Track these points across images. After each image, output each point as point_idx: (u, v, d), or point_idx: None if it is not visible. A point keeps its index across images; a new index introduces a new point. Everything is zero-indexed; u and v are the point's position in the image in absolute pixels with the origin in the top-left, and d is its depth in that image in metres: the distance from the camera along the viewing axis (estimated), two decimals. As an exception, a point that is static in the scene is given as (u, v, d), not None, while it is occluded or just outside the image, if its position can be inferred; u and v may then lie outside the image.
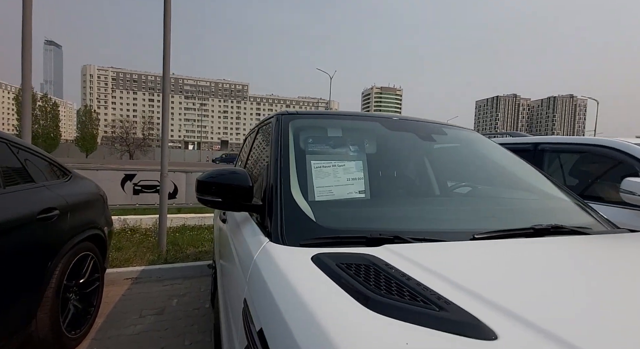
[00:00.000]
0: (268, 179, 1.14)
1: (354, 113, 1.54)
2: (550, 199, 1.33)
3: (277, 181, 1.09)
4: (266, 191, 1.11)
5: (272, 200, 1.03)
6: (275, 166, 1.16)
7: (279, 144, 1.25)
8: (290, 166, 1.18)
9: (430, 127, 1.53)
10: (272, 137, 1.33)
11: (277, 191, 1.05)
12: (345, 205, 1.24)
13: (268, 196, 1.08)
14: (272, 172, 1.14)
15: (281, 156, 1.20)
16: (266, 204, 1.06)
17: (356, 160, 1.40)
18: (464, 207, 1.30)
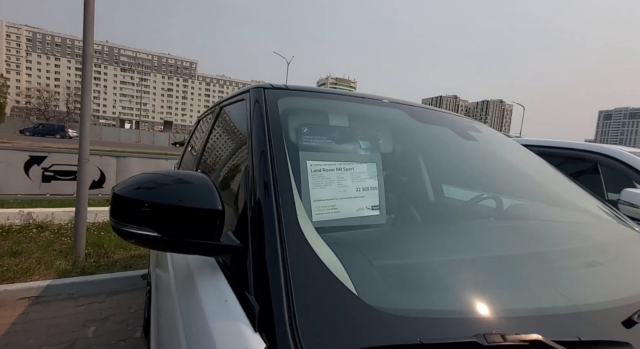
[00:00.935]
0: (251, 198, 0.67)
1: (364, 95, 1.10)
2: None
3: (274, 204, 0.62)
4: (251, 221, 0.63)
5: (264, 242, 0.57)
6: (263, 173, 0.69)
7: (266, 137, 0.78)
8: (290, 175, 0.73)
9: (464, 122, 1.18)
10: (251, 124, 0.84)
11: (276, 226, 0.59)
12: (369, 240, 0.83)
13: (255, 231, 0.60)
14: (260, 186, 0.67)
15: (273, 156, 0.73)
16: (252, 251, 0.59)
17: (368, 162, 0.98)
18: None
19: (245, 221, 0.64)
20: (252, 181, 0.70)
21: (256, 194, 0.65)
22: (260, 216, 0.60)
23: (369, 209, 0.94)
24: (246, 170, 0.76)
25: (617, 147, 2.09)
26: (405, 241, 0.85)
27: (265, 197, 0.63)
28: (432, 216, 1.08)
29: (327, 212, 0.88)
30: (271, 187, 0.65)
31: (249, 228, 0.61)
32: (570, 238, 0.91)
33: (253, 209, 0.63)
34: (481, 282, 0.64)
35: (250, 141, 0.80)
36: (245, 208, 0.67)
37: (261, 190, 0.65)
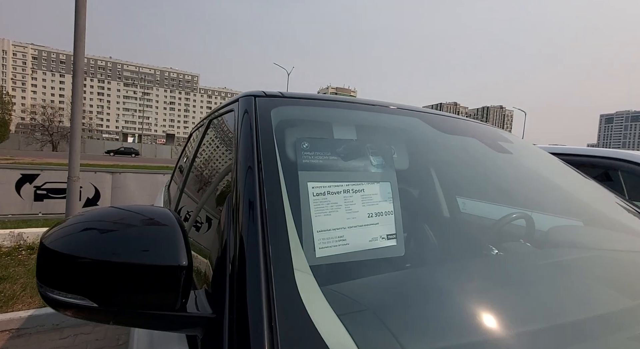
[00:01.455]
0: (231, 243, 0.51)
1: (374, 102, 0.94)
2: None
3: (260, 251, 0.46)
4: (230, 278, 0.46)
5: (246, 311, 0.41)
6: (249, 204, 0.53)
7: (256, 154, 0.63)
8: (284, 202, 0.57)
9: (491, 131, 1.02)
10: (238, 140, 0.69)
11: (262, 283, 0.43)
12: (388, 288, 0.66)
13: (234, 293, 0.44)
14: (243, 224, 0.51)
15: (263, 180, 0.58)
16: (228, 323, 0.42)
17: (381, 181, 0.82)
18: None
19: (221, 278, 0.47)
20: (233, 217, 0.54)
21: (237, 236, 0.49)
22: (241, 268, 0.44)
23: (384, 238, 0.78)
24: (229, 200, 0.60)
25: (637, 152, 1.92)
26: (437, 290, 0.67)
27: (249, 240, 0.47)
28: (466, 248, 0.89)
29: (334, 245, 0.72)
30: (258, 223, 0.49)
31: (226, 289, 0.45)
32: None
33: (232, 259, 0.47)
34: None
35: (235, 160, 0.64)
36: (223, 258, 0.50)
37: (244, 229, 0.49)
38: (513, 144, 1.04)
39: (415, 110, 0.96)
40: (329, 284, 0.60)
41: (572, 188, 1.01)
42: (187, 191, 1.04)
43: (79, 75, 2.59)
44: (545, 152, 1.12)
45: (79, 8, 2.63)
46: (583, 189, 1.00)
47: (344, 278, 0.73)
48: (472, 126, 1.01)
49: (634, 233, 0.87)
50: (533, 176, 1.03)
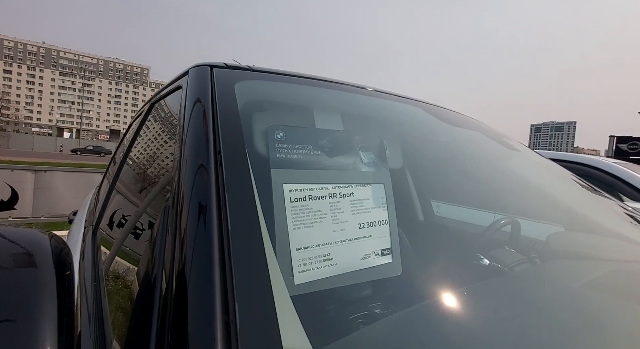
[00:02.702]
0: (168, 282, 0.31)
1: (365, 86, 0.77)
2: None
3: (217, 298, 0.27)
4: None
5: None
6: (195, 217, 0.34)
7: (211, 144, 0.43)
8: (258, 215, 0.39)
9: (491, 129, 0.92)
10: (185, 122, 0.49)
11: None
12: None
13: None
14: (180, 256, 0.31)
15: (221, 180, 0.38)
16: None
17: (373, 182, 0.67)
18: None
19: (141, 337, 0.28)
20: (171, 238, 0.34)
21: (173, 268, 0.30)
22: (176, 319, 0.25)
23: (378, 255, 0.62)
24: (166, 213, 0.39)
25: (606, 160, 2.03)
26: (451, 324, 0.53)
27: (193, 272, 0.29)
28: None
29: (317, 267, 0.55)
30: (213, 247, 0.30)
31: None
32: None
33: (162, 301, 0.28)
34: None
35: (180, 156, 0.44)
36: (146, 302, 0.31)
37: (187, 257, 0.30)
38: (513, 142, 0.96)
39: (413, 99, 0.82)
40: (314, 309, 0.43)
41: (559, 192, 0.95)
42: (115, 197, 0.79)
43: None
44: (535, 154, 1.06)
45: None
46: (573, 193, 0.94)
47: (332, 302, 0.56)
48: (471, 121, 0.90)
49: (630, 241, 0.82)
50: (518, 178, 0.95)
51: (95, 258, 0.57)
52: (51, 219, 3.64)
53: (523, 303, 0.59)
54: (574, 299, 0.62)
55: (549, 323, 0.53)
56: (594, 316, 0.58)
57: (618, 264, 0.71)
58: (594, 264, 0.73)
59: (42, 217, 3.53)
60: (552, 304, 0.59)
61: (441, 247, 0.93)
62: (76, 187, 3.55)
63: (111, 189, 0.86)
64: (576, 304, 0.60)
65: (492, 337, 0.49)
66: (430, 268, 0.74)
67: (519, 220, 0.93)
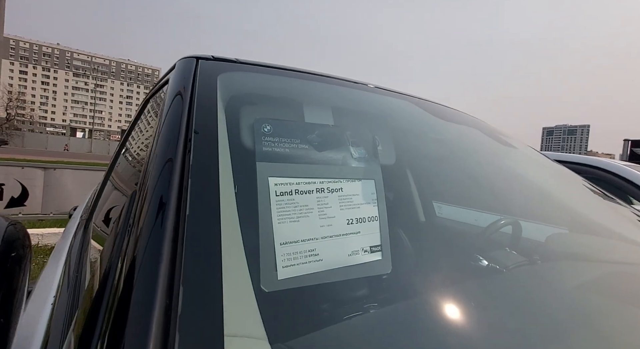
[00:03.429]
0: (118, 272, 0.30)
1: (356, 80, 0.76)
2: None
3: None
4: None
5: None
6: (166, 212, 0.33)
7: (187, 133, 0.42)
8: (223, 215, 0.37)
9: (488, 126, 0.89)
10: (164, 111, 0.48)
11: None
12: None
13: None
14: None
15: (192, 172, 0.38)
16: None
17: (363, 178, 0.65)
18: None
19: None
20: (128, 232, 0.33)
21: (124, 259, 0.29)
22: (121, 311, 0.25)
23: (367, 252, 0.61)
24: (129, 206, 0.39)
25: (616, 162, 1.98)
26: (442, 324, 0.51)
27: (145, 260, 0.28)
28: (457, 261, 0.74)
29: (302, 262, 0.54)
30: (165, 244, 0.30)
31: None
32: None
33: (112, 294, 0.27)
34: None
35: (152, 149, 0.43)
36: (97, 297, 0.30)
37: (140, 248, 0.29)
38: (512, 138, 0.93)
39: (405, 94, 0.80)
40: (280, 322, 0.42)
41: (563, 194, 0.92)
42: (105, 192, 0.79)
43: (-4, 49, 2.15)
44: (540, 155, 1.03)
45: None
46: (577, 195, 0.91)
47: (316, 299, 0.55)
48: (467, 118, 0.88)
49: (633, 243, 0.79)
50: (522, 179, 0.92)
51: (82, 251, 0.57)
52: (60, 216, 3.71)
53: (518, 303, 0.57)
54: (571, 301, 0.59)
55: (546, 324, 0.51)
56: (592, 318, 0.56)
57: (618, 266, 0.68)
58: (594, 265, 0.70)
59: (51, 213, 3.60)
60: (548, 304, 0.57)
61: (439, 247, 0.91)
62: (83, 184, 3.62)
63: (104, 185, 0.87)
64: (573, 305, 0.58)
65: (484, 338, 0.47)
66: (423, 267, 0.73)
67: (520, 222, 0.90)
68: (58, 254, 0.70)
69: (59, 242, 0.81)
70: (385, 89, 0.81)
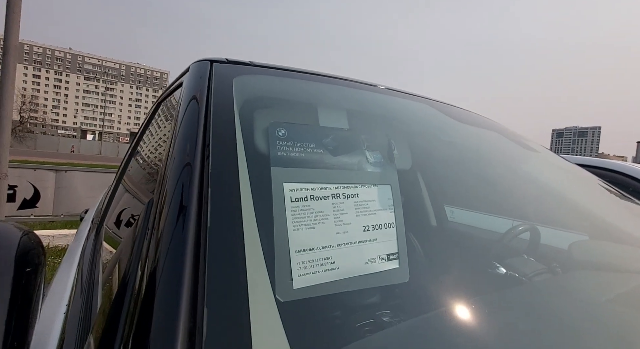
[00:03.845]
0: (141, 281, 0.29)
1: (371, 83, 0.75)
2: None
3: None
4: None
5: None
6: (177, 218, 0.32)
7: (204, 138, 0.42)
8: (244, 223, 0.36)
9: (507, 130, 0.87)
10: (180, 116, 0.48)
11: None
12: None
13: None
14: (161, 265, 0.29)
15: (206, 178, 0.37)
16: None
17: (379, 183, 0.63)
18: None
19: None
20: (148, 240, 0.32)
21: (147, 268, 0.28)
22: (144, 320, 0.24)
23: (384, 259, 0.59)
24: (147, 211, 0.38)
25: (631, 164, 1.92)
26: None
27: (165, 273, 0.27)
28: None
29: (318, 270, 0.53)
30: (187, 246, 0.28)
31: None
32: None
33: (135, 302, 0.26)
34: None
35: (169, 153, 0.43)
36: (118, 304, 0.29)
37: (162, 259, 0.28)
38: (532, 143, 0.90)
39: (424, 96, 0.78)
40: (303, 337, 0.41)
41: (584, 198, 0.88)
42: (118, 195, 0.79)
43: (10, 54, 2.20)
44: (557, 156, 1.00)
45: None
46: (598, 199, 0.87)
47: (332, 308, 0.54)
48: (488, 122, 0.85)
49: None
50: (538, 182, 0.89)
51: (94, 255, 0.57)
52: (70, 217, 3.76)
53: (542, 316, 0.54)
54: (600, 315, 0.56)
55: (570, 339, 0.49)
56: (621, 334, 0.53)
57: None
58: (622, 276, 0.67)
59: (62, 215, 3.65)
60: (574, 318, 0.54)
61: (454, 254, 0.89)
62: (93, 186, 3.67)
63: (116, 188, 0.87)
64: (602, 320, 0.55)
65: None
66: (440, 276, 0.70)
67: (538, 227, 0.87)
68: (71, 258, 0.70)
69: (71, 245, 0.80)
70: (400, 91, 0.79)
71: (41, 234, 3.48)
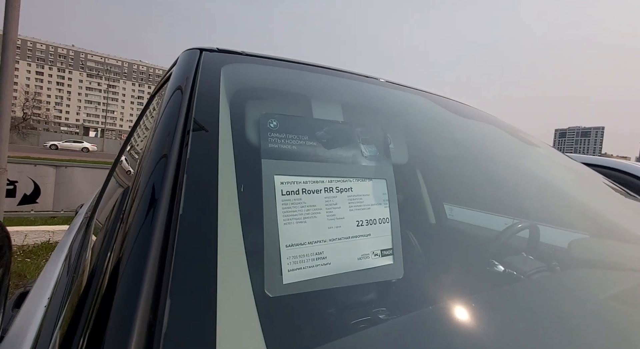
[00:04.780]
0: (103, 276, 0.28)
1: (367, 75, 0.73)
2: None
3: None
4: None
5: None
6: (157, 213, 0.30)
7: (187, 126, 0.40)
8: (221, 215, 0.35)
9: (505, 124, 0.85)
10: (164, 103, 0.47)
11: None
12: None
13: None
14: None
15: (187, 168, 0.35)
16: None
17: (374, 177, 0.62)
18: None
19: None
20: (113, 232, 0.31)
21: (111, 260, 0.27)
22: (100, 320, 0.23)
23: (378, 255, 0.58)
24: (120, 204, 0.37)
25: (633, 163, 1.89)
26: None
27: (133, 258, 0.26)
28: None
29: (309, 265, 0.51)
30: (152, 245, 0.27)
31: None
32: None
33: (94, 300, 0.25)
34: None
35: (148, 144, 0.41)
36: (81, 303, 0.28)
37: (127, 248, 0.27)
38: (531, 137, 0.88)
39: (422, 90, 0.76)
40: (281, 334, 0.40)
41: (585, 196, 0.86)
42: (107, 190, 0.77)
43: (9, 49, 2.19)
44: (559, 153, 0.98)
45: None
46: (600, 197, 0.86)
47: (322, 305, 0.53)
48: (486, 116, 0.84)
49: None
50: (540, 180, 0.87)
51: (81, 249, 0.56)
52: (70, 213, 3.76)
53: (539, 313, 0.53)
54: (598, 313, 0.55)
55: (567, 336, 0.47)
56: (621, 332, 0.51)
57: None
58: (622, 274, 0.65)
59: (62, 211, 3.66)
60: (572, 316, 0.53)
61: (451, 251, 0.87)
62: (93, 182, 3.68)
63: (107, 182, 0.86)
64: (600, 317, 0.54)
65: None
66: (436, 273, 0.69)
67: (538, 225, 0.86)
68: (59, 252, 0.69)
69: (62, 239, 0.80)
70: (398, 83, 0.78)
71: (41, 229, 3.49)
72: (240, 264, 0.32)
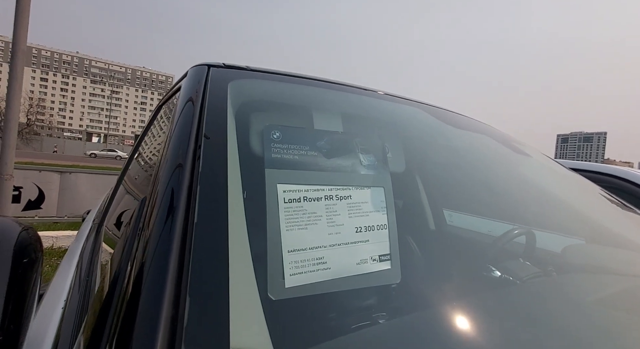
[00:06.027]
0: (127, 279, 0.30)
1: (365, 87, 0.77)
2: None
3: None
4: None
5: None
6: (172, 218, 0.33)
7: (197, 138, 0.44)
8: (232, 223, 0.38)
9: (498, 132, 0.88)
10: (176, 117, 0.50)
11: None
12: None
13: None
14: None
15: (196, 178, 0.38)
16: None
17: (373, 185, 0.65)
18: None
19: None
20: (139, 237, 0.34)
21: (134, 266, 0.30)
22: (128, 323, 0.25)
23: (376, 260, 0.60)
24: (139, 211, 0.40)
25: (632, 170, 1.91)
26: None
27: (153, 268, 0.28)
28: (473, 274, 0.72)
29: (310, 270, 0.54)
30: (172, 250, 0.30)
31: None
32: None
33: (121, 302, 0.28)
34: None
35: (163, 154, 0.44)
36: (107, 304, 0.30)
37: (149, 255, 0.30)
38: (525, 146, 0.91)
39: (418, 101, 0.80)
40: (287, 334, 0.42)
41: (580, 203, 0.89)
42: (117, 197, 0.80)
43: (18, 57, 2.24)
44: (555, 162, 1.00)
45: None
46: (594, 204, 0.88)
47: (323, 310, 0.55)
48: (482, 126, 0.87)
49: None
50: (537, 187, 0.90)
51: (93, 255, 0.59)
52: (74, 219, 3.80)
53: (536, 317, 0.55)
54: (592, 317, 0.57)
55: (563, 340, 0.49)
56: (615, 336, 0.53)
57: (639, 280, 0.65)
58: (613, 278, 0.67)
59: (66, 216, 3.70)
60: (568, 320, 0.55)
61: (449, 256, 0.89)
62: (98, 188, 3.72)
63: (116, 189, 0.89)
64: (594, 322, 0.55)
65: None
66: (433, 278, 0.71)
67: (535, 231, 0.88)
68: (70, 257, 0.72)
69: (72, 245, 0.82)
70: (396, 95, 0.81)
71: (45, 235, 3.52)
72: (247, 268, 0.35)
